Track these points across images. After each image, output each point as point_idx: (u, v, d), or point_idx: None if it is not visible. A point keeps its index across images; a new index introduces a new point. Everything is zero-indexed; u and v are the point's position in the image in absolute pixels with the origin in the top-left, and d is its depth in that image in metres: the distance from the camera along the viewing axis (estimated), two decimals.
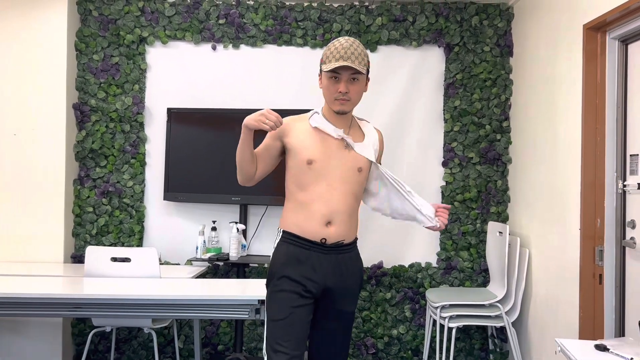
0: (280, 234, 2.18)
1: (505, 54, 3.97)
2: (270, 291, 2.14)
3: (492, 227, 3.81)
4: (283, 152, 2.21)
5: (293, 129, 2.16)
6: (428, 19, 3.94)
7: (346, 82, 2.06)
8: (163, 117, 3.95)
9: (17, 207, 3.76)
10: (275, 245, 2.18)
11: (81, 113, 3.90)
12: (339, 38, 2.11)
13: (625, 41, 2.78)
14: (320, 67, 2.12)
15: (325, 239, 2.12)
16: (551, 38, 3.30)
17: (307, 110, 2.26)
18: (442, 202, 3.99)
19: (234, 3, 3.95)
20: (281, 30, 3.96)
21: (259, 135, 2.12)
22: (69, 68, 3.82)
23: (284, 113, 2.18)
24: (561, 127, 3.16)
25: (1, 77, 3.75)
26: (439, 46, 3.99)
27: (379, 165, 2.23)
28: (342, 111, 2.12)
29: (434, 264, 4.01)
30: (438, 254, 4.00)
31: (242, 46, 3.99)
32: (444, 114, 3.99)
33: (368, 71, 2.15)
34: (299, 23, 3.96)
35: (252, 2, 3.97)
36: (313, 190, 2.11)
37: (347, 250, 2.19)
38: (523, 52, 3.77)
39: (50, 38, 3.76)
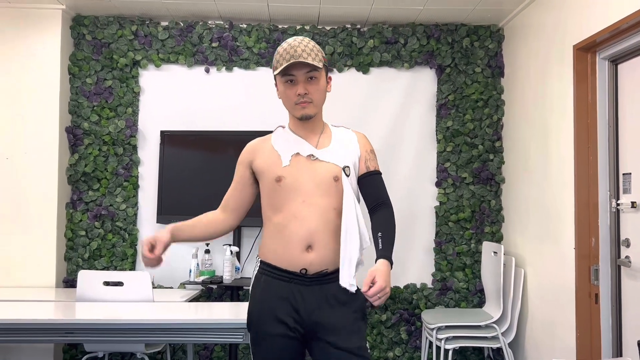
0: (258, 264, 1.96)
1: (496, 75, 4.01)
2: (253, 337, 1.92)
3: (487, 247, 3.80)
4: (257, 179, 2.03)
5: (259, 150, 2.00)
6: (419, 41, 3.98)
7: (303, 82, 1.86)
8: (156, 140, 3.95)
9: (9, 231, 3.72)
10: (253, 277, 1.96)
11: (74, 136, 3.89)
12: (287, 39, 1.96)
13: (615, 61, 2.81)
14: (274, 76, 1.94)
15: (306, 270, 1.86)
16: (542, 58, 3.34)
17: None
18: (436, 223, 3.99)
19: (227, 26, 3.98)
20: (274, 53, 3.98)
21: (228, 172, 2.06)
22: (62, 91, 3.82)
23: None
24: (553, 146, 3.18)
25: None
26: (431, 67, 4.03)
27: (346, 171, 1.92)
28: (306, 115, 1.90)
29: (429, 285, 3.99)
30: (433, 275, 3.98)
31: (235, 69, 4.00)
32: (436, 135, 4.01)
33: (327, 68, 1.96)
34: None
35: (245, 26, 4.00)
36: (287, 210, 1.88)
37: (334, 279, 1.87)
38: (514, 73, 3.81)
39: (44, 62, 3.76)
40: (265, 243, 1.94)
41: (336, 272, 1.87)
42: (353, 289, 1.84)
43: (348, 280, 1.83)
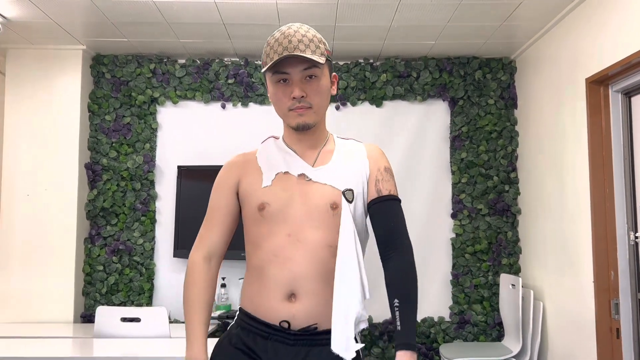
0: (238, 312, 1.58)
1: (509, 106, 4.02)
2: None
3: (505, 279, 3.76)
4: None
5: (246, 167, 1.57)
6: (432, 74, 4.02)
7: (300, 82, 1.43)
8: (173, 175, 4.00)
9: (29, 266, 3.77)
10: (229, 326, 1.59)
11: (93, 172, 3.96)
12: (279, 27, 1.55)
13: (628, 94, 2.82)
14: (264, 74, 1.51)
15: (289, 323, 1.42)
16: (555, 90, 3.35)
17: None
18: (452, 255, 3.97)
19: (242, 63, 4.06)
20: None
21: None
22: (82, 128, 3.90)
23: None
24: (569, 178, 3.17)
25: (15, 139, 3.83)
26: (444, 100, 4.06)
27: (347, 196, 1.47)
28: (303, 125, 1.46)
29: (447, 318, 3.95)
30: (451, 308, 3.94)
31: (251, 104, 4.07)
32: (451, 166, 4.02)
33: (331, 63, 1.52)
34: None
35: (260, 62, 4.08)
36: (267, 247, 1.46)
37: (325, 340, 1.41)
38: (527, 104, 3.82)
39: (65, 100, 3.86)
40: (245, 291, 1.54)
41: (328, 332, 1.40)
42: (349, 358, 1.37)
43: (343, 343, 1.37)
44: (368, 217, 1.53)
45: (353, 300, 1.39)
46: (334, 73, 1.55)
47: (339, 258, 1.41)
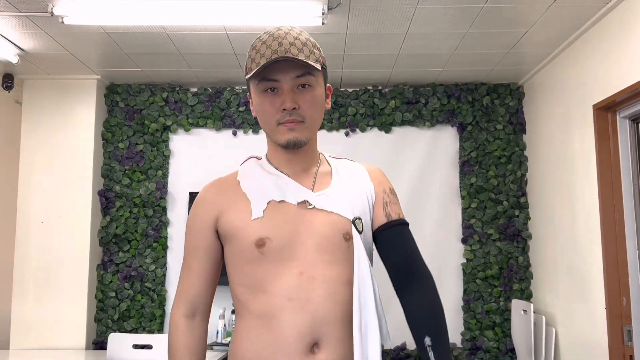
0: None
1: (518, 131, 4.04)
2: None
3: (516, 305, 3.74)
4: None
5: (225, 198, 1.32)
6: (440, 100, 4.06)
7: (292, 91, 1.22)
8: (185, 201, 4.05)
9: (43, 293, 3.80)
10: None
11: (106, 199, 4.01)
12: (267, 30, 1.29)
13: (636, 120, 2.83)
14: (247, 82, 1.29)
15: None
16: (563, 116, 3.38)
17: None
18: (463, 280, 3.96)
19: None
20: None
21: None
22: (96, 156, 3.97)
23: None
24: (579, 203, 3.17)
25: (31, 167, 3.90)
26: (452, 125, 4.09)
27: (357, 225, 1.28)
28: (294, 142, 1.24)
29: (459, 345, 3.92)
30: (462, 334, 3.91)
31: (262, 131, 4.13)
32: (460, 191, 4.03)
33: (326, 72, 1.32)
34: None
35: None
36: (277, 291, 1.22)
37: None
38: (536, 129, 3.84)
39: (80, 129, 3.93)
40: (240, 346, 1.26)
41: None
42: None
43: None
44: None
45: (374, 347, 1.21)
46: (328, 84, 1.34)
47: (356, 299, 1.22)
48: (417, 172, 4.06)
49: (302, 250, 1.23)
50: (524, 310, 3.58)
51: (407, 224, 1.36)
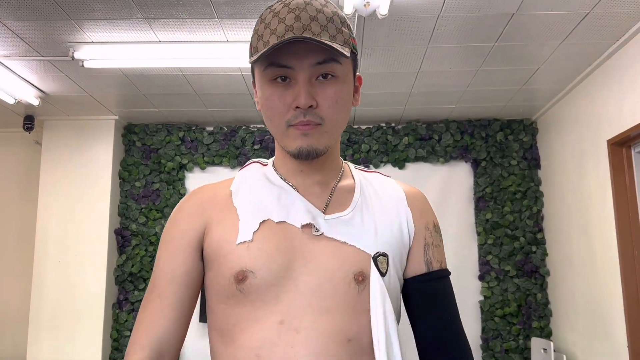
0: None
1: (533, 167, 4.03)
2: None
3: (536, 343, 3.66)
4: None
5: (214, 209, 0.97)
6: (453, 137, 4.08)
7: (309, 83, 0.89)
8: None
9: (58, 334, 3.80)
10: None
11: (122, 238, 4.04)
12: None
13: None
14: (252, 67, 0.97)
15: None
16: (577, 151, 3.37)
17: None
18: (482, 318, 3.89)
19: (267, 130, 4.17)
20: None
21: None
22: (113, 195, 4.02)
23: None
24: (596, 238, 3.14)
25: (49, 206, 3.95)
26: (466, 161, 4.09)
27: (380, 265, 0.92)
28: (308, 151, 0.90)
29: None
30: None
31: None
32: (476, 227, 4.00)
33: (356, 59, 0.97)
34: None
35: None
36: (246, 343, 0.89)
37: None
38: (551, 165, 3.83)
39: (97, 168, 4.00)
40: None
41: None
42: None
43: None
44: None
45: None
46: (358, 74, 0.99)
47: None
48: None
49: (292, 291, 0.89)
50: (544, 349, 3.50)
51: (449, 275, 1.03)
